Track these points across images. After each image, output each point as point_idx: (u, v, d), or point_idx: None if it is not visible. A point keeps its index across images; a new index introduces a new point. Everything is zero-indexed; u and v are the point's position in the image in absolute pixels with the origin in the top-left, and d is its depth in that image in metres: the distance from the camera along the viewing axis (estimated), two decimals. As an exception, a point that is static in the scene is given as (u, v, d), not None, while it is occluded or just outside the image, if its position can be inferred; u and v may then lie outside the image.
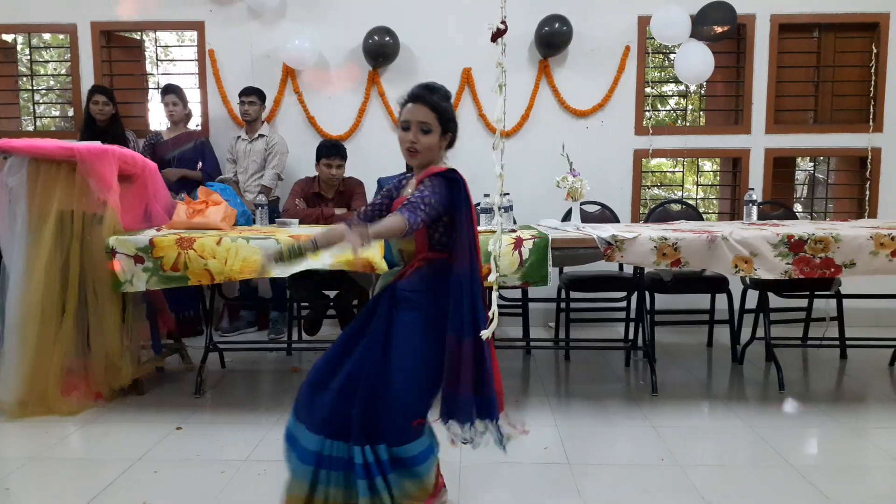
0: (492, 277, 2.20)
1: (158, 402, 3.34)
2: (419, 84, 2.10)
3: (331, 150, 4.15)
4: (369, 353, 2.00)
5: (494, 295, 2.17)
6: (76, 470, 2.59)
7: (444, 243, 2.05)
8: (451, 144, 2.13)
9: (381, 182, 4.31)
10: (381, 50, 4.78)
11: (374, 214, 2.13)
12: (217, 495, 2.34)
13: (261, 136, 4.69)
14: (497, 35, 2.06)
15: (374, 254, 3.02)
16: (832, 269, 3.09)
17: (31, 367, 3.12)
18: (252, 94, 4.62)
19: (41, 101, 5.49)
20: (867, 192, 4.98)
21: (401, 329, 2.01)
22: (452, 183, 2.01)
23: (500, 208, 2.30)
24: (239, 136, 4.76)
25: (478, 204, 3.88)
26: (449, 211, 2.00)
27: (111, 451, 2.75)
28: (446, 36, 4.90)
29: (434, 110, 2.03)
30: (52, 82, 5.58)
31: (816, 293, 4.05)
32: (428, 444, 2.09)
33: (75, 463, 2.66)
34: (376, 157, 4.77)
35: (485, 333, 2.04)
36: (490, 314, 2.09)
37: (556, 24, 4.76)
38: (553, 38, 4.79)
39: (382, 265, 3.03)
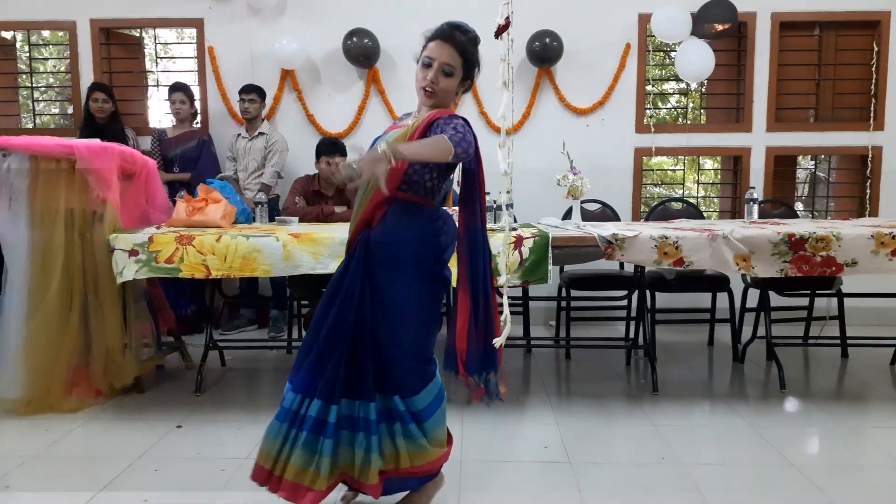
0: (501, 280, 2.19)
1: (159, 400, 3.34)
2: (449, 21, 1.99)
3: (331, 148, 4.15)
4: (349, 313, 1.93)
5: (505, 298, 2.16)
6: (77, 468, 2.58)
7: (427, 189, 1.94)
8: (467, 90, 2.04)
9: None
10: (363, 52, 4.79)
11: None
12: (217, 493, 2.34)
13: (261, 133, 4.68)
14: (501, 31, 2.02)
15: None
16: (833, 268, 3.09)
17: (37, 365, 3.12)
18: (252, 92, 4.61)
19: (40, 99, 5.47)
20: (868, 191, 4.97)
21: (389, 286, 1.94)
22: (472, 131, 1.92)
23: (507, 206, 2.29)
24: (239, 134, 4.76)
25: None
26: (471, 159, 1.91)
27: (112, 448, 2.74)
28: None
29: (462, 54, 1.94)
30: (51, 80, 5.57)
31: (817, 292, 4.05)
32: (435, 393, 2.08)
33: (76, 461, 2.65)
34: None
35: (497, 341, 2.05)
36: (502, 319, 2.08)
37: (547, 40, 4.75)
38: (545, 53, 4.78)
39: None
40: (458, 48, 1.94)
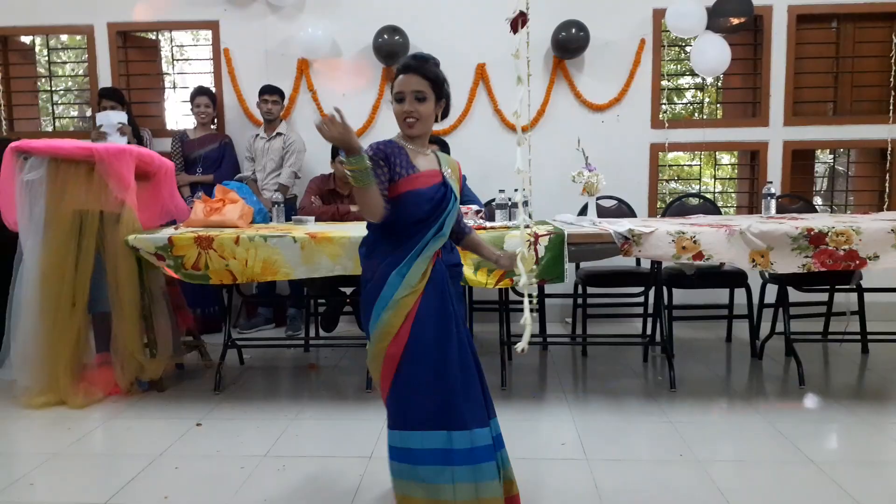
0: (522, 281, 2.19)
1: (178, 398, 3.37)
2: (408, 55, 2.12)
3: (345, 147, 4.15)
4: (465, 336, 2.05)
5: (526, 301, 2.17)
6: (98, 465, 2.62)
7: None
8: (446, 112, 2.15)
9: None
10: (390, 49, 4.78)
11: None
12: (237, 490, 2.36)
13: (279, 134, 4.71)
14: (516, 23, 2.05)
15: None
16: (857, 262, 3.04)
17: (43, 356, 3.22)
18: (275, 93, 4.66)
19: (59, 102, 5.55)
20: (887, 185, 4.91)
21: (459, 300, 2.12)
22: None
23: (523, 204, 2.30)
24: (257, 135, 4.79)
25: (492, 200, 3.88)
26: None
27: (132, 446, 2.78)
28: (460, 31, 4.90)
29: (426, 78, 2.04)
30: (69, 83, 5.64)
31: (837, 287, 4.00)
32: None
33: (97, 458, 2.69)
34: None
35: (519, 346, 2.08)
36: (522, 321, 2.10)
37: (573, 30, 4.73)
38: (570, 44, 4.76)
39: None
40: (421, 74, 2.04)
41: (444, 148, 4.25)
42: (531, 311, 2.20)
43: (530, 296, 2.16)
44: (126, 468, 2.53)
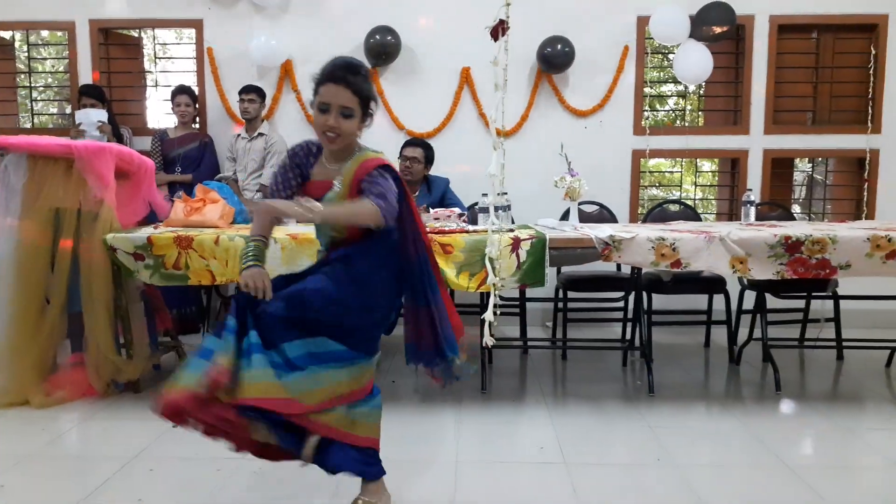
0: (490, 280, 2.23)
1: (155, 399, 3.33)
2: (338, 61, 2.00)
3: (328, 149, 4.15)
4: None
5: (492, 298, 2.21)
6: (71, 467, 2.58)
7: (372, 232, 2.00)
8: (368, 126, 2.09)
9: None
10: (382, 49, 4.78)
11: (283, 189, 2.10)
12: (212, 493, 2.34)
13: (260, 134, 4.69)
14: (496, 31, 2.05)
15: None
16: (827, 271, 3.09)
17: (12, 354, 3.18)
18: (252, 92, 4.62)
19: (39, 99, 5.48)
20: (865, 194, 4.98)
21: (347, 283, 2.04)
22: (395, 175, 2.02)
23: (496, 209, 2.32)
24: (239, 135, 4.76)
25: (475, 204, 3.89)
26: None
27: (107, 448, 2.74)
28: (447, 35, 4.90)
29: (356, 93, 1.95)
30: (49, 79, 5.57)
31: (813, 294, 4.06)
32: None
33: (71, 460, 2.66)
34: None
35: (488, 340, 2.13)
36: (484, 317, 2.14)
37: (559, 46, 4.76)
38: (555, 59, 4.78)
39: None
40: (352, 89, 1.95)
41: (429, 152, 4.25)
42: (494, 307, 2.30)
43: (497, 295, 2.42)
44: (100, 470, 2.50)
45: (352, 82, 1.95)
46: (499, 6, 2.38)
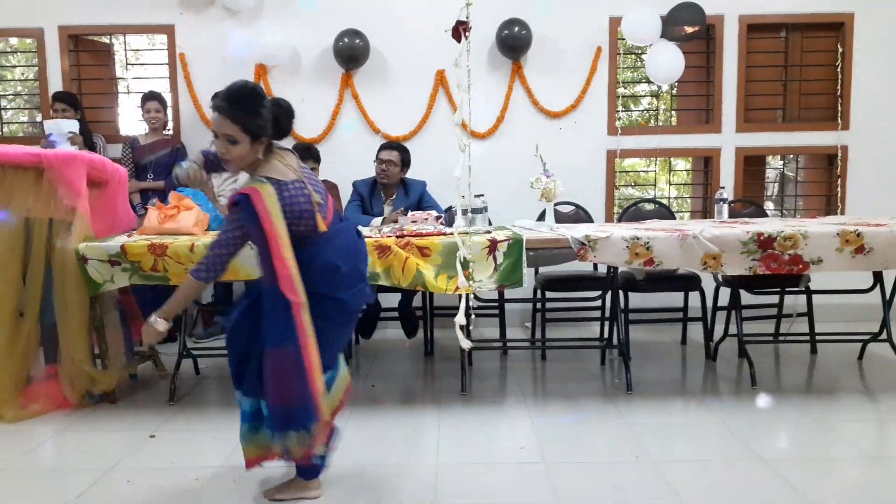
0: (461, 283, 2.25)
1: (132, 410, 3.30)
2: (223, 91, 2.10)
3: (303, 153, 4.13)
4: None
5: (463, 301, 2.23)
6: (47, 479, 2.55)
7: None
8: (279, 137, 2.18)
9: (356, 185, 4.31)
10: (351, 52, 4.77)
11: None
12: (195, 499, 2.32)
13: None
14: (457, 32, 2.09)
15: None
16: (800, 266, 3.15)
17: None
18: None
19: (8, 107, 5.39)
20: (838, 190, 5.06)
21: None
22: (241, 206, 2.04)
23: (474, 211, 2.34)
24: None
25: (452, 206, 3.89)
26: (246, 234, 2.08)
27: (83, 460, 2.71)
28: (418, 37, 4.90)
29: (235, 121, 2.04)
30: (19, 87, 5.49)
31: (786, 289, 4.12)
32: None
33: (47, 472, 2.62)
34: (351, 160, 4.76)
35: (465, 344, 2.18)
36: (455, 319, 2.16)
37: (516, 28, 4.78)
38: (514, 42, 4.80)
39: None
40: (230, 117, 2.05)
41: (405, 155, 4.25)
42: (467, 309, 2.31)
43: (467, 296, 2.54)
44: (77, 482, 2.47)
45: (229, 112, 2.05)
46: (460, 7, 2.41)
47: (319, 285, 2.13)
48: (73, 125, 4.14)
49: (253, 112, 2.06)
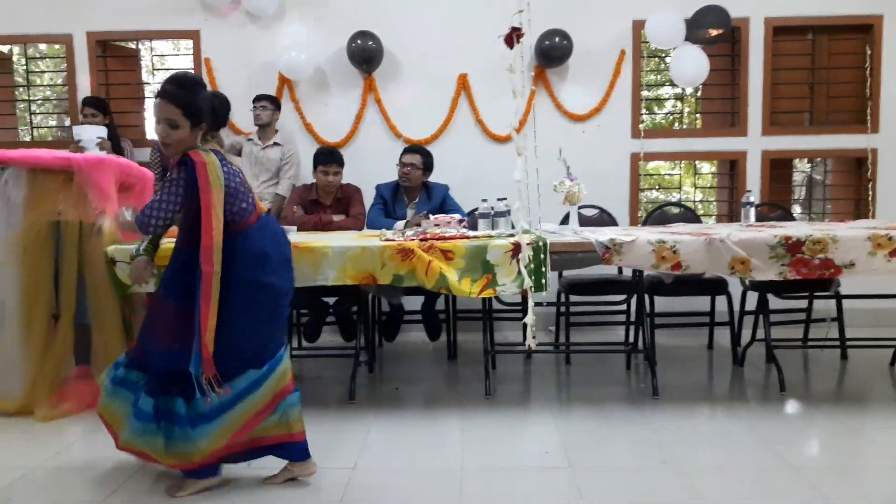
0: (526, 285, 2.31)
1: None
2: (168, 78, 2.23)
3: (327, 157, 4.16)
4: None
5: (531, 302, 2.27)
6: (77, 478, 2.57)
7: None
8: (216, 127, 2.32)
9: (378, 189, 4.32)
10: (364, 54, 4.80)
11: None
12: (218, 501, 2.34)
13: (275, 144, 4.69)
14: (511, 38, 2.12)
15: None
16: (832, 270, 3.09)
17: (22, 366, 3.21)
18: (263, 100, 4.65)
19: (38, 112, 5.49)
20: (868, 193, 4.98)
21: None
22: (186, 167, 2.20)
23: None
24: (251, 140, 4.74)
25: (475, 209, 3.89)
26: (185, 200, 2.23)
27: (113, 459, 2.72)
28: (442, 43, 4.92)
29: (178, 105, 2.16)
30: (48, 92, 5.58)
31: (816, 294, 4.05)
32: None
33: (77, 471, 2.63)
34: (374, 164, 4.77)
35: (529, 342, 2.28)
36: (525, 320, 2.22)
37: (557, 38, 4.78)
38: (554, 52, 4.80)
39: (384, 277, 3.05)
40: (172, 101, 2.17)
41: (427, 159, 4.26)
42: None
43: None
44: (106, 481, 2.50)
45: (172, 95, 2.18)
46: (511, 14, 2.44)
47: (249, 272, 2.28)
48: (101, 131, 4.20)
49: (193, 98, 2.20)
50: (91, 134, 4.10)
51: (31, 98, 5.38)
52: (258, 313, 2.31)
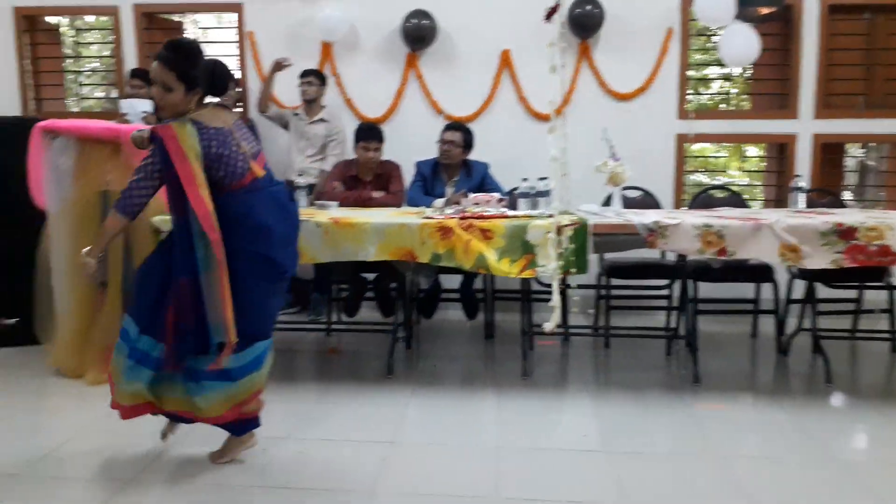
0: (550, 269, 2.25)
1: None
2: (166, 43, 2.24)
3: (368, 134, 4.15)
4: None
5: (555, 285, 2.23)
6: (125, 438, 2.63)
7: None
8: (214, 94, 2.30)
9: (418, 165, 4.30)
10: (418, 33, 4.75)
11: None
12: (258, 472, 2.38)
13: (322, 120, 4.69)
14: (551, 13, 2.05)
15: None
16: (889, 257, 2.97)
17: (74, 334, 3.35)
18: (310, 75, 4.65)
19: (86, 83, 5.58)
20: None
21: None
22: (155, 142, 2.20)
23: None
24: (297, 114, 4.75)
25: (515, 188, 3.84)
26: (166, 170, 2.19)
27: (161, 422, 2.76)
28: (484, 17, 4.84)
29: (173, 69, 2.18)
30: (95, 63, 5.67)
31: (867, 284, 3.93)
32: None
33: (125, 433, 2.64)
34: (414, 140, 4.73)
35: (548, 326, 2.20)
36: (551, 303, 2.17)
37: (588, 7, 4.67)
38: (585, 20, 4.69)
39: (424, 255, 3.04)
40: (168, 65, 2.18)
41: (468, 136, 4.22)
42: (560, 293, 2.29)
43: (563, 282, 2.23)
44: (152, 443, 2.55)
45: (167, 59, 2.19)
46: None
47: (252, 242, 2.26)
48: (147, 105, 4.25)
49: (189, 63, 2.22)
50: (137, 108, 4.15)
51: (79, 69, 5.47)
52: (255, 287, 2.30)
